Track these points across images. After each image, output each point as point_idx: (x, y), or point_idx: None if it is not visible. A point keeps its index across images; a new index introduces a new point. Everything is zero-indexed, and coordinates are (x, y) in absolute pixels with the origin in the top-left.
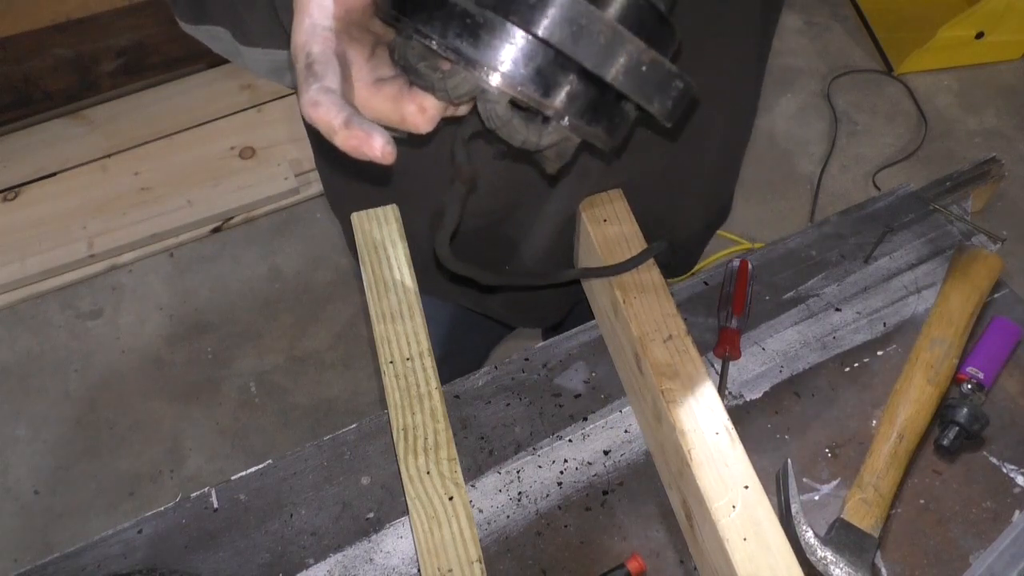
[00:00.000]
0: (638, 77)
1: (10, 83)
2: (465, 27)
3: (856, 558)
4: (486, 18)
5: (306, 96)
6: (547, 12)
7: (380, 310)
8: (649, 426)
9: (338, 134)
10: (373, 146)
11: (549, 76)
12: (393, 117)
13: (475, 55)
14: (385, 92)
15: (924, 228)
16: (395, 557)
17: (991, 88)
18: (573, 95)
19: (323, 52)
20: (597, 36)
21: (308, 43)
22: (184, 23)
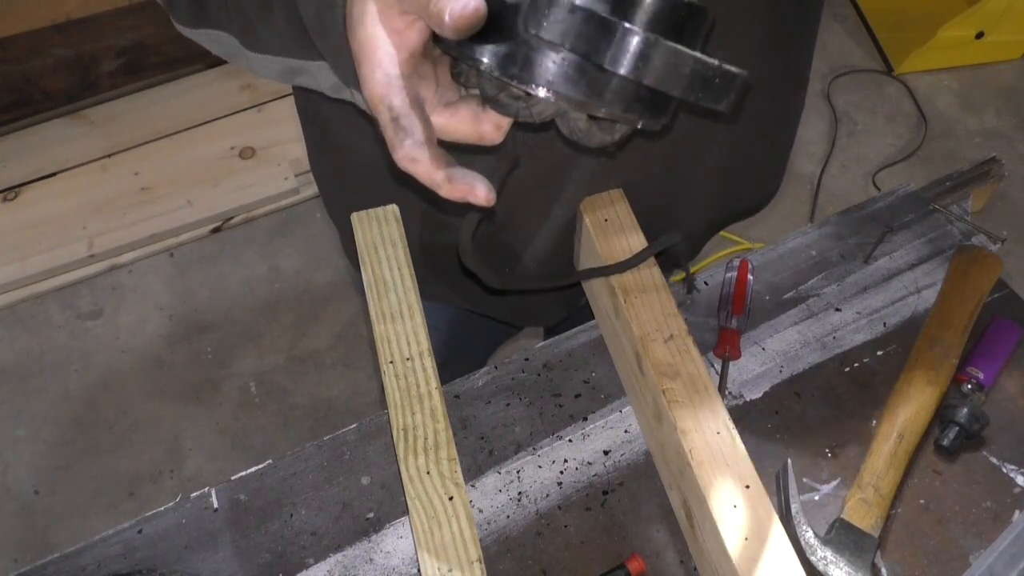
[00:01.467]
0: (705, 86)
1: (10, 83)
2: (556, 69)
3: (856, 558)
4: (572, 61)
5: (401, 152)
6: (626, 51)
7: (380, 310)
8: (649, 426)
9: (442, 188)
10: (478, 196)
11: (628, 95)
12: (471, 137)
13: (566, 91)
14: (461, 116)
15: (924, 228)
16: (395, 557)
17: (991, 88)
18: (647, 105)
19: (403, 103)
20: (670, 62)
21: (387, 96)
22: (182, 27)
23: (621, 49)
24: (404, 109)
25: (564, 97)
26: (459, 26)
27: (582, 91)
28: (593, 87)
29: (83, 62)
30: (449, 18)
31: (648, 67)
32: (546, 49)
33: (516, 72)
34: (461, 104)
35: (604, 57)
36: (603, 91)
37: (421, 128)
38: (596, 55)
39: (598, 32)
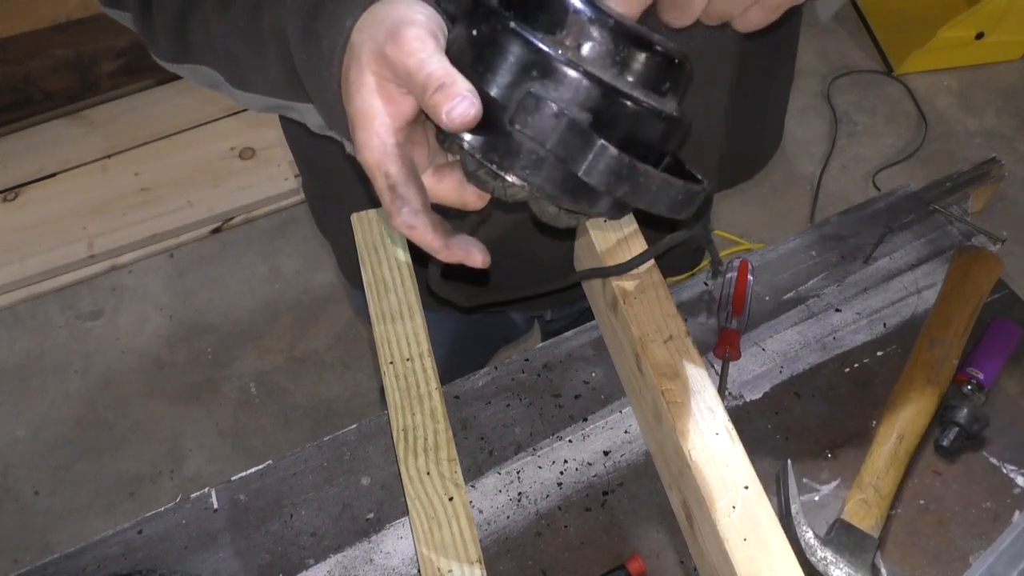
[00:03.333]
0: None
1: (10, 83)
2: (532, 162)
3: (856, 559)
4: (544, 158)
5: (399, 219)
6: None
7: (380, 310)
8: (649, 427)
9: (440, 253)
10: (474, 260)
11: (595, 197)
12: (456, 203)
13: (539, 184)
14: (447, 182)
15: (924, 229)
16: (395, 557)
17: (991, 88)
18: (613, 206)
19: (400, 171)
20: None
21: (383, 163)
22: (162, 61)
23: (595, 163)
24: (401, 178)
25: (537, 189)
26: (455, 127)
27: (554, 187)
28: (564, 186)
29: (83, 62)
30: (446, 118)
31: (617, 184)
32: (526, 145)
33: (496, 159)
34: (448, 170)
35: (578, 166)
36: (574, 190)
37: (417, 196)
38: (571, 162)
39: (576, 141)
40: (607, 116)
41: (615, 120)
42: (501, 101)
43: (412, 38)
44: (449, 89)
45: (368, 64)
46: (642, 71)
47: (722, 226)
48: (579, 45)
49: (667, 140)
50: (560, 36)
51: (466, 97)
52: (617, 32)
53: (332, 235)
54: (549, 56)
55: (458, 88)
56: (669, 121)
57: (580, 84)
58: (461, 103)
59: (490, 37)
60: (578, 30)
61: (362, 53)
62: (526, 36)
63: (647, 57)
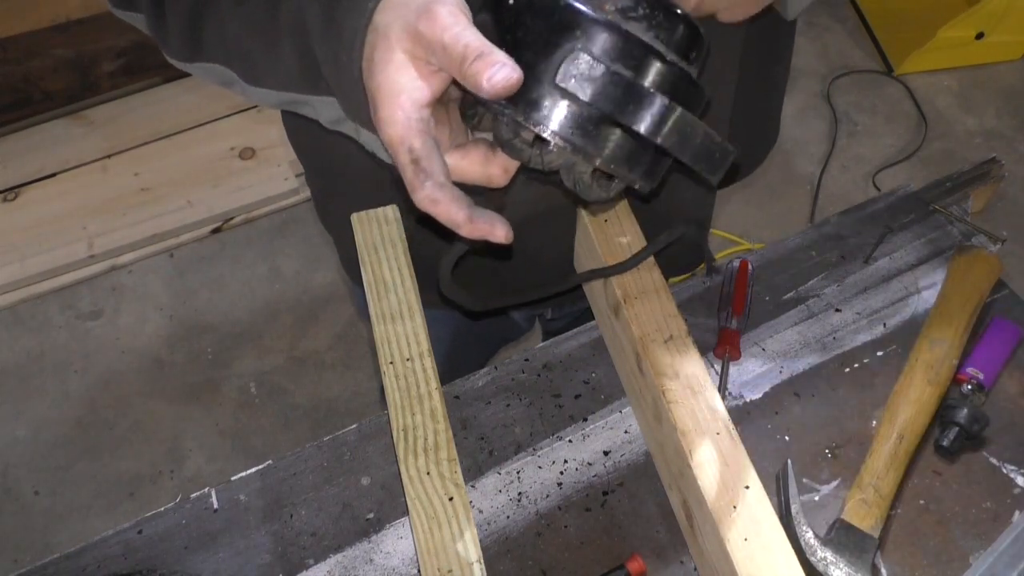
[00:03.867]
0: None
1: (10, 83)
2: (578, 120)
3: (856, 558)
4: (593, 116)
5: (422, 193)
6: (649, 113)
7: (380, 310)
8: (649, 426)
9: (462, 227)
10: (498, 235)
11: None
12: (479, 177)
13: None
14: (472, 157)
15: (924, 229)
16: (395, 558)
17: (991, 88)
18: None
19: (424, 145)
20: (684, 130)
21: (407, 137)
22: (173, 60)
23: (644, 110)
24: (425, 151)
25: (578, 148)
26: (498, 93)
27: (595, 145)
28: (605, 143)
29: (83, 62)
30: (488, 84)
31: (664, 130)
32: (572, 103)
33: (539, 119)
34: (471, 146)
35: (628, 117)
36: (614, 148)
37: (440, 169)
38: (621, 114)
39: (625, 94)
40: (649, 76)
41: (656, 80)
42: (543, 62)
43: (445, 13)
44: (487, 57)
45: (398, 41)
46: (675, 38)
47: (722, 226)
48: (619, 10)
49: (695, 106)
50: (600, 1)
51: (506, 64)
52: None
53: (335, 230)
54: (593, 17)
55: (497, 56)
56: (697, 88)
57: (624, 43)
58: (502, 69)
59: (529, 3)
60: None
61: (391, 31)
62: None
63: (681, 26)
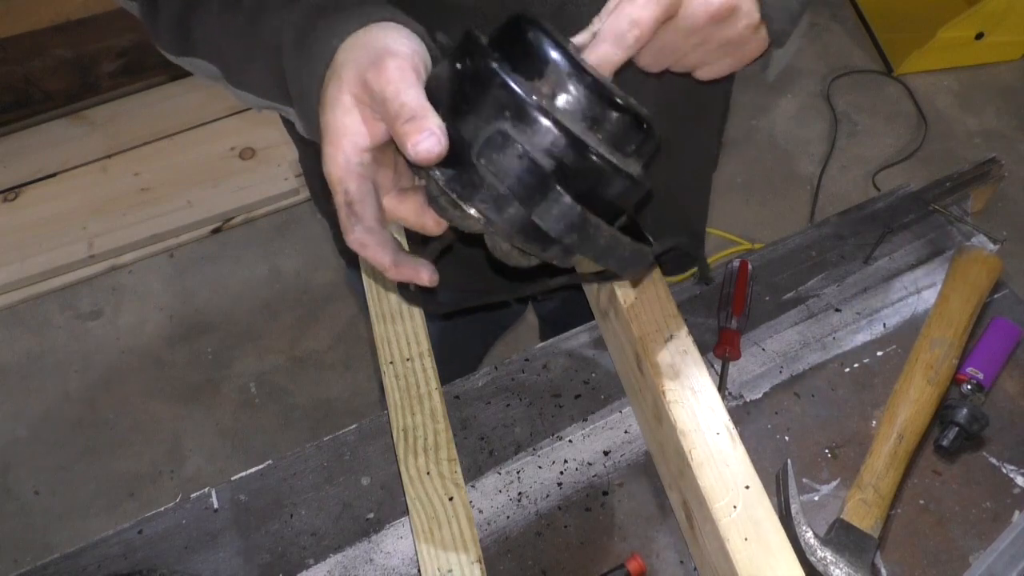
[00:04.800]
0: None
1: (10, 83)
2: (491, 197)
3: (856, 558)
4: (503, 195)
5: (352, 236)
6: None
7: (380, 310)
8: (649, 426)
9: (388, 271)
10: (422, 279)
11: (548, 241)
12: (414, 224)
13: (495, 220)
14: (408, 204)
15: (924, 229)
16: (395, 557)
17: (991, 88)
18: (563, 250)
19: (359, 189)
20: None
21: (344, 179)
22: (166, 53)
23: (548, 208)
24: (358, 195)
25: (491, 224)
26: (419, 160)
27: (509, 225)
28: (519, 225)
29: (83, 63)
30: (412, 149)
31: (568, 232)
32: (488, 180)
33: (458, 189)
34: (411, 193)
35: (533, 209)
36: (527, 231)
37: (372, 215)
38: (527, 204)
39: (536, 185)
40: (570, 166)
41: (577, 172)
42: (471, 135)
43: (394, 68)
44: (419, 122)
45: (348, 84)
46: (611, 130)
47: (722, 226)
48: (554, 95)
49: (625, 199)
50: (538, 84)
51: (434, 133)
52: (592, 89)
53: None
54: (523, 100)
55: (428, 123)
56: (629, 181)
57: (548, 131)
58: (429, 138)
59: (472, 73)
60: (555, 80)
61: (344, 73)
62: (504, 77)
63: (617, 117)
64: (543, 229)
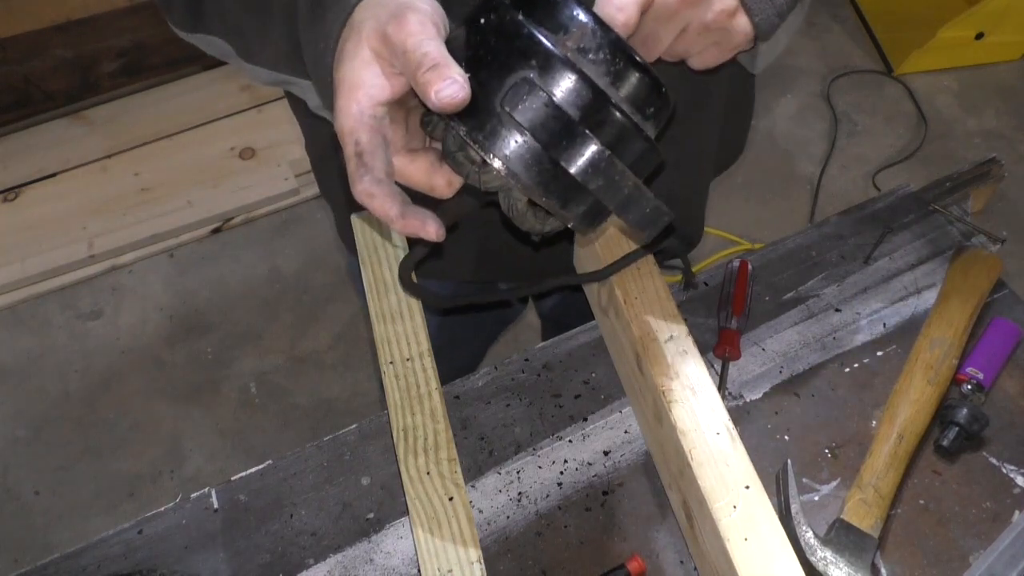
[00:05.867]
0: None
1: (10, 83)
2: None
3: (856, 558)
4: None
5: (360, 187)
6: (580, 154)
7: (380, 310)
8: (649, 426)
9: (395, 223)
10: (428, 232)
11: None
12: (423, 185)
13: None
14: (419, 163)
15: (924, 229)
16: (395, 557)
17: (991, 88)
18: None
19: (371, 140)
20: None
21: (356, 130)
22: (177, 29)
23: (576, 152)
24: (369, 146)
25: (513, 175)
26: (444, 107)
27: (531, 176)
28: (542, 176)
29: (83, 62)
30: (435, 96)
31: (594, 176)
32: (513, 128)
33: (480, 139)
34: (422, 153)
35: (560, 154)
36: (550, 183)
37: (382, 166)
38: (554, 149)
39: (562, 130)
40: (592, 119)
41: (600, 123)
42: (495, 84)
43: (415, 20)
44: (442, 70)
45: (368, 39)
46: (632, 89)
47: (722, 226)
48: (579, 49)
49: (640, 164)
50: (563, 38)
51: (456, 80)
52: (616, 47)
53: (332, 196)
54: (550, 50)
55: (450, 71)
56: (646, 143)
57: (574, 82)
58: (451, 85)
59: (496, 26)
60: (580, 36)
61: (363, 28)
62: (531, 28)
63: (639, 77)
64: (566, 178)
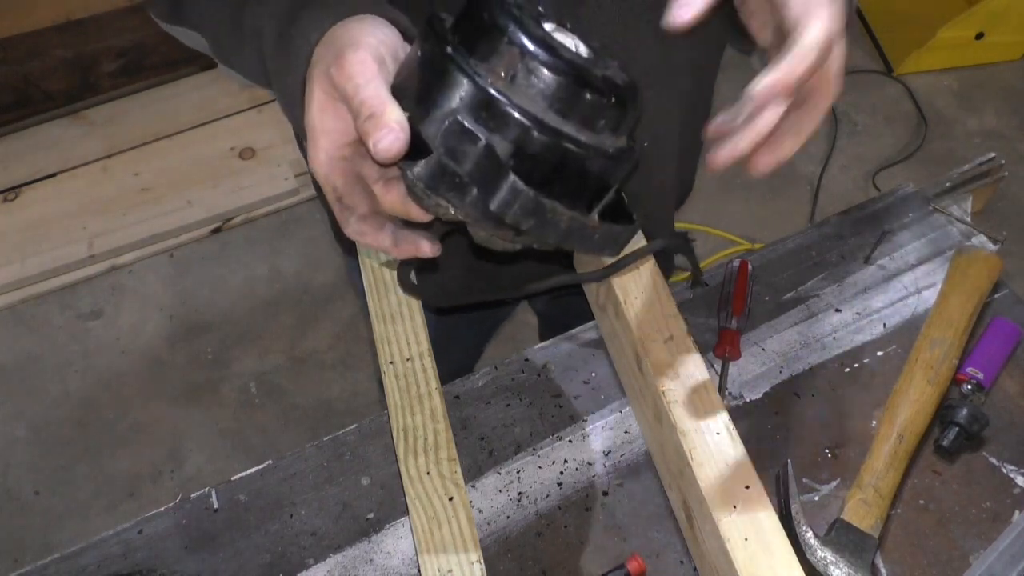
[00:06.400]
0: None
1: (10, 83)
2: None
3: (856, 558)
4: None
5: (349, 229)
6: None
7: (380, 310)
8: (649, 426)
9: (391, 252)
10: (424, 251)
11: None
12: (400, 212)
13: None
14: (394, 193)
15: (924, 229)
16: (395, 557)
17: (991, 88)
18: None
19: (346, 183)
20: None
21: (330, 176)
22: (158, 20)
23: (503, 195)
24: (346, 189)
25: (460, 212)
26: (380, 158)
27: (476, 212)
28: (486, 214)
29: (83, 63)
30: (373, 148)
31: (524, 217)
32: (449, 168)
33: (424, 179)
34: (396, 183)
35: (489, 196)
36: (495, 217)
37: (364, 205)
38: (482, 190)
39: (490, 171)
40: (528, 150)
41: (537, 155)
42: (433, 122)
43: (355, 62)
44: (377, 119)
45: (318, 81)
46: (576, 107)
47: (722, 226)
48: (513, 76)
49: (605, 175)
50: (495, 65)
51: (392, 130)
52: (557, 67)
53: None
54: (475, 84)
55: (386, 119)
56: (602, 158)
57: (505, 115)
58: (387, 135)
59: (430, 60)
60: (512, 61)
61: (315, 70)
62: (459, 62)
63: (582, 94)
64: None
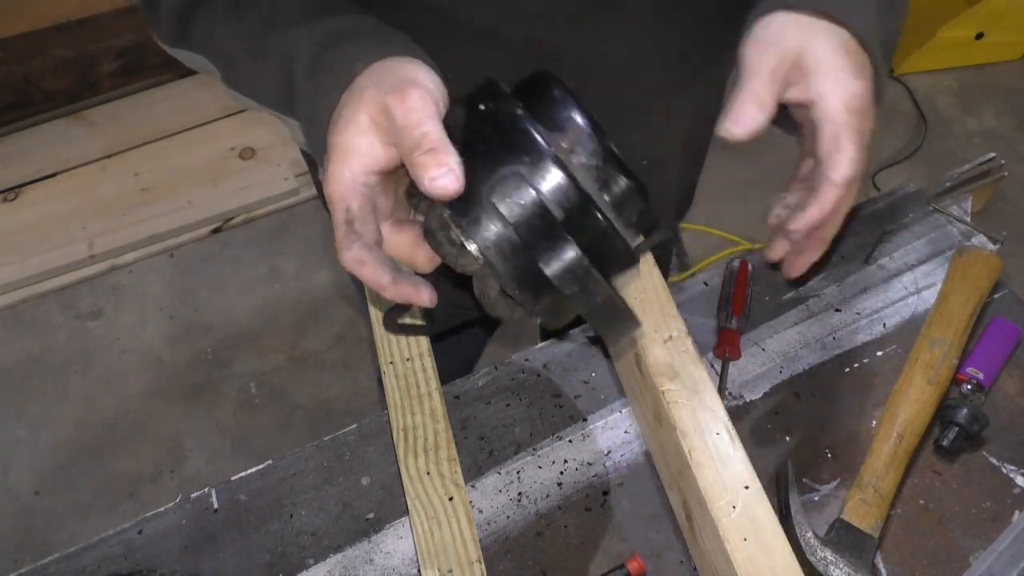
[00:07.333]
0: (606, 319)
1: (10, 83)
2: (496, 236)
3: (856, 558)
4: (512, 240)
5: (349, 254)
6: (559, 258)
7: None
8: (649, 427)
9: (386, 290)
10: (422, 299)
11: (541, 292)
12: (405, 257)
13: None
14: (404, 236)
15: (924, 228)
16: (395, 557)
17: (991, 88)
18: (552, 308)
19: (362, 208)
20: (590, 288)
21: (347, 197)
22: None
23: (555, 255)
24: (360, 214)
25: (490, 265)
26: (435, 195)
27: (507, 269)
28: (517, 271)
29: (83, 62)
30: (428, 183)
31: (570, 282)
32: (496, 219)
33: (464, 224)
34: (408, 226)
35: (539, 254)
36: (524, 278)
37: (372, 235)
38: (533, 248)
39: (545, 230)
40: (577, 222)
41: (582, 227)
42: (485, 173)
43: (417, 96)
44: (439, 156)
45: (366, 106)
46: (618, 196)
47: (722, 226)
48: (572, 151)
49: (614, 267)
50: (557, 136)
51: (452, 170)
52: (608, 153)
53: None
54: (543, 148)
55: (447, 158)
56: (624, 249)
57: (564, 183)
58: (447, 175)
59: (493, 115)
60: (575, 137)
61: (363, 95)
62: (529, 124)
63: (627, 184)
64: (541, 278)
